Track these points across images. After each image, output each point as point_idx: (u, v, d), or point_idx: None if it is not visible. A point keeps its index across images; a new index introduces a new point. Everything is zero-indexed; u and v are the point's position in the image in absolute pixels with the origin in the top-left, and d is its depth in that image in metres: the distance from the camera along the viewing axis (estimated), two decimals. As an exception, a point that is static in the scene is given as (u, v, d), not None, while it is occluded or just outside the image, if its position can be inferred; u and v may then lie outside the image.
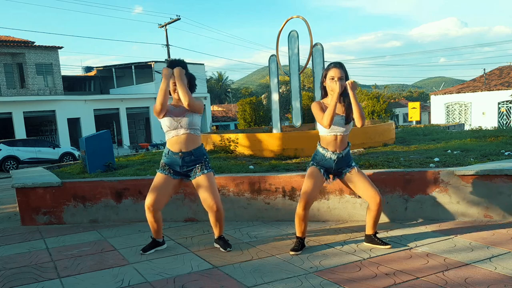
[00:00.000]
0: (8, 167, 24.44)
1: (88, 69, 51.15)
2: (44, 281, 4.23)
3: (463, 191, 5.33)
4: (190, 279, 4.05)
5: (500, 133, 9.90)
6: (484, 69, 39.51)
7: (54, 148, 26.98)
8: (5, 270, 4.63)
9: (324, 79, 4.54)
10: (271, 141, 8.81)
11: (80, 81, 46.59)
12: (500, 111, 34.45)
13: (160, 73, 40.35)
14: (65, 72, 45.30)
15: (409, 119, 34.54)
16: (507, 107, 34.06)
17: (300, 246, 4.62)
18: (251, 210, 6.05)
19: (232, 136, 9.15)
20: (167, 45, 39.62)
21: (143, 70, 42.01)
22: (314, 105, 4.58)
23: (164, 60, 39.67)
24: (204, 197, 4.67)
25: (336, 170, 4.61)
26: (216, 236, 4.94)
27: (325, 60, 9.12)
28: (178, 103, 4.73)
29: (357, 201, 5.61)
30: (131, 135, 39.10)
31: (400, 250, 4.46)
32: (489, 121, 30.66)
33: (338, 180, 4.77)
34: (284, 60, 9.68)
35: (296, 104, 9.82)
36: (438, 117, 37.85)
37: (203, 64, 44.01)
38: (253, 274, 4.07)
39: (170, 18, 39.42)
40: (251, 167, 6.92)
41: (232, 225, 5.82)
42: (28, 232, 6.29)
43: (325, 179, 4.62)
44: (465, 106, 36.62)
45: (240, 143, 9.02)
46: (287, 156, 8.29)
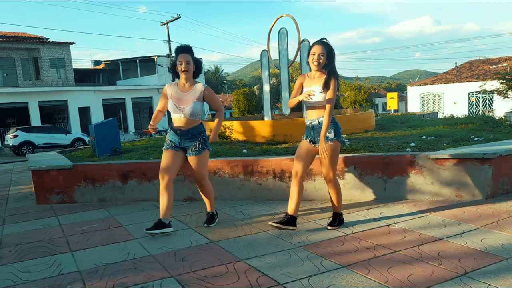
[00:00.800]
0: (25, 151, 24.39)
1: (97, 62, 50.79)
2: (57, 255, 4.21)
3: (437, 173, 5.33)
4: (189, 253, 4.03)
5: (470, 121, 9.90)
6: (456, 63, 39.63)
7: (66, 134, 26.91)
8: (21, 245, 4.61)
9: (308, 55, 4.46)
10: (262, 128, 8.78)
11: (89, 74, 46.25)
12: (470, 101, 34.57)
13: (162, 66, 40.12)
14: (76, 65, 45.12)
15: (388, 108, 34.60)
16: (476, 97, 34.16)
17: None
18: (244, 190, 6.03)
19: (228, 123, 9.11)
20: (169, 41, 39.38)
21: (147, 64, 41.75)
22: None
23: (166, 54, 39.51)
24: (194, 172, 4.72)
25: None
26: (208, 209, 4.99)
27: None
28: (185, 89, 4.65)
29: (340, 182, 5.59)
30: (136, 122, 38.94)
31: (379, 227, 4.45)
32: (460, 110, 30.75)
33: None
34: (274, 55, 9.62)
35: (285, 95, 9.78)
36: (414, 106, 37.93)
37: (201, 58, 43.30)
38: (247, 248, 4.06)
39: (171, 17, 39.17)
40: (245, 151, 6.89)
41: (228, 204, 5.81)
42: (42, 210, 6.26)
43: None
44: (439, 96, 36.69)
45: (235, 129, 8.98)
46: (277, 141, 8.27)
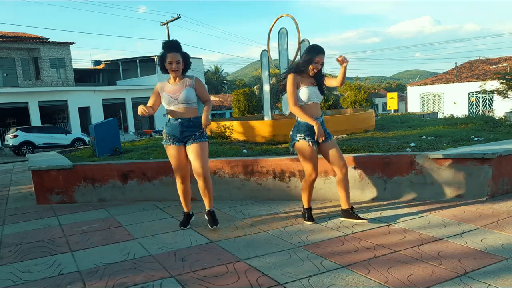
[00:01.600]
0: (25, 151, 24.38)
1: (97, 62, 50.79)
2: (57, 255, 4.21)
3: (437, 173, 5.33)
4: (189, 253, 4.03)
5: (470, 121, 9.90)
6: (456, 63, 39.61)
7: (66, 134, 26.90)
8: (22, 245, 4.61)
9: (306, 56, 4.50)
10: (262, 128, 8.78)
11: (89, 74, 46.24)
12: (470, 101, 34.56)
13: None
14: (76, 65, 45.14)
15: (388, 108, 34.60)
16: (476, 97, 34.15)
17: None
18: (244, 190, 6.02)
19: (228, 123, 9.11)
20: (169, 41, 39.28)
21: (147, 64, 41.71)
22: (290, 77, 4.61)
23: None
24: (194, 164, 4.60)
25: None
26: (206, 208, 4.83)
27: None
28: (176, 82, 4.67)
29: (341, 182, 5.60)
30: (136, 122, 38.89)
31: (379, 227, 4.45)
32: (460, 110, 30.75)
33: (324, 162, 4.79)
34: (274, 55, 9.62)
35: (285, 95, 9.78)
36: (414, 106, 37.92)
37: (201, 58, 43.78)
38: (247, 248, 4.06)
39: (171, 17, 39.12)
40: (245, 151, 6.89)
41: (228, 204, 5.81)
42: (42, 210, 6.25)
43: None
44: (438, 96, 36.68)
45: (235, 129, 8.98)
46: (277, 141, 8.27)
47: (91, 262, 3.94)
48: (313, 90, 4.57)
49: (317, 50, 4.47)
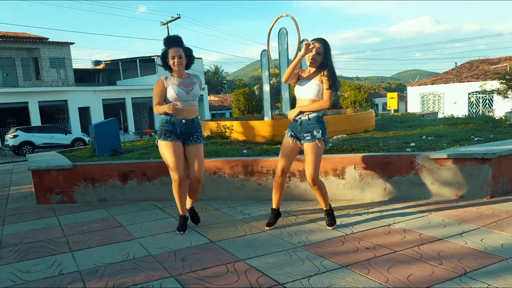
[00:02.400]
0: (25, 151, 24.38)
1: (97, 62, 50.78)
2: (57, 255, 4.21)
3: (437, 173, 5.32)
4: (189, 253, 4.03)
5: (470, 121, 9.91)
6: (456, 63, 39.62)
7: (66, 134, 26.91)
8: (22, 245, 4.60)
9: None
10: (262, 127, 8.78)
11: (90, 74, 46.23)
12: (470, 101, 34.56)
13: (160, 66, 40.57)
14: (76, 65, 45.17)
15: (388, 108, 34.60)
16: (476, 97, 34.15)
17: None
18: (244, 190, 6.02)
19: (228, 123, 9.12)
20: (169, 41, 39.29)
21: (147, 64, 41.70)
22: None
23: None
24: (194, 166, 4.59)
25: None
26: (189, 206, 4.87)
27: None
28: (182, 77, 4.59)
29: (340, 182, 5.60)
30: (136, 122, 38.91)
31: (379, 227, 4.45)
32: (460, 110, 30.74)
33: (326, 162, 4.78)
34: (274, 55, 9.63)
35: (285, 94, 9.79)
36: (414, 106, 37.92)
37: (201, 58, 43.73)
38: (247, 248, 4.06)
39: (171, 17, 39.14)
40: (245, 151, 6.89)
41: (227, 204, 5.80)
42: (42, 210, 6.25)
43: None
44: (438, 96, 36.68)
45: (235, 129, 8.98)
46: (277, 141, 8.27)
47: (91, 262, 3.94)
48: (300, 86, 4.47)
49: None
